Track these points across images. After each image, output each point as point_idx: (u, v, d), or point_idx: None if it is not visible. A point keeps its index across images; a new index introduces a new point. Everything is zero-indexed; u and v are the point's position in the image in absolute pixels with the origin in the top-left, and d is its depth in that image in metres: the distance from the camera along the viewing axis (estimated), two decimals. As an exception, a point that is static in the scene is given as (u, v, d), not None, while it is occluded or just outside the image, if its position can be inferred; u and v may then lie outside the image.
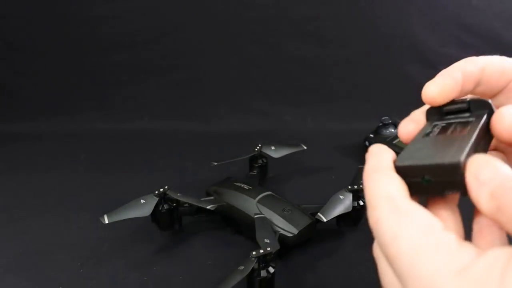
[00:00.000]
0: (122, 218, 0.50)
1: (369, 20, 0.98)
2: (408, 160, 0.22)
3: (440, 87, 0.26)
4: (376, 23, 0.98)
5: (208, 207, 0.55)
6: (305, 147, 0.70)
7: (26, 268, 0.53)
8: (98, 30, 0.98)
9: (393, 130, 0.76)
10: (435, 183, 0.21)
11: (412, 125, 0.27)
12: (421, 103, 0.28)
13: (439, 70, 0.29)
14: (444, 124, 0.26)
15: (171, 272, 0.51)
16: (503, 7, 0.95)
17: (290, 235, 0.51)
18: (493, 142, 0.26)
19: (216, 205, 0.56)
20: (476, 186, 0.19)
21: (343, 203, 0.52)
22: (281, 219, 0.52)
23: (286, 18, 0.97)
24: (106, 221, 0.50)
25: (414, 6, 0.96)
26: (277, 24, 0.98)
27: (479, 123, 0.23)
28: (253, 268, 0.43)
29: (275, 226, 0.52)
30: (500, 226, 0.20)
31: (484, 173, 0.19)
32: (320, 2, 0.97)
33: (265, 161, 0.68)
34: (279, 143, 0.69)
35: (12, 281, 0.51)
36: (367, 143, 0.78)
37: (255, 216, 0.52)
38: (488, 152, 0.26)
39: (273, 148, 0.68)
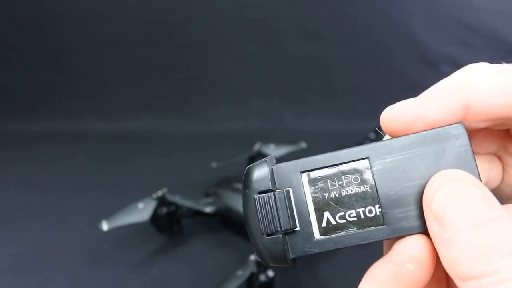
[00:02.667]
0: (121, 224, 0.50)
1: (369, 19, 0.97)
2: None
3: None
4: (377, 22, 0.97)
5: (207, 211, 0.55)
6: (305, 145, 0.70)
7: (25, 269, 0.52)
8: (97, 30, 0.98)
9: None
10: None
11: (410, 112, 0.15)
12: None
13: (440, 70, 0.27)
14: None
15: (170, 273, 0.51)
16: (506, 6, 0.94)
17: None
18: (491, 147, 0.18)
19: (215, 207, 0.56)
20: (439, 240, 0.13)
21: None
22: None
23: (286, 18, 0.97)
24: (105, 228, 0.49)
25: (415, 5, 0.96)
26: (277, 24, 0.98)
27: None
28: (252, 272, 0.42)
29: None
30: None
31: (452, 217, 0.12)
32: (321, 2, 0.96)
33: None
34: (279, 142, 0.69)
35: (11, 282, 0.50)
36: (367, 143, 0.78)
37: None
38: (482, 157, 0.18)
39: (272, 147, 0.67)
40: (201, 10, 0.97)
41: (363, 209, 0.15)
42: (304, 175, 0.16)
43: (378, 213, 0.15)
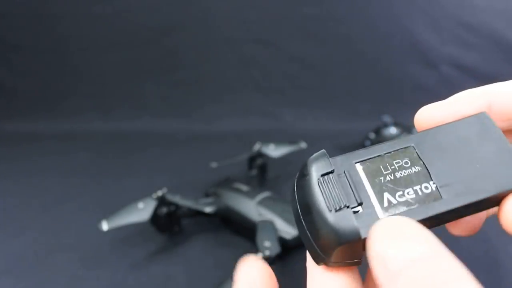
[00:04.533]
0: (121, 224, 0.50)
1: (369, 19, 0.97)
2: None
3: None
4: (377, 22, 0.97)
5: (207, 211, 0.55)
6: (305, 145, 0.70)
7: (25, 269, 0.52)
8: (97, 29, 0.98)
9: (393, 130, 0.76)
10: None
11: (438, 117, 0.18)
12: (421, 103, 0.26)
13: (440, 70, 0.27)
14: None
15: (170, 272, 0.51)
16: (506, 5, 0.94)
17: (290, 236, 0.50)
18: None
19: (215, 207, 0.56)
20: (384, 279, 0.12)
21: None
22: (281, 220, 0.52)
23: (286, 18, 0.97)
24: (105, 228, 0.49)
25: (415, 5, 0.96)
26: (277, 24, 0.98)
27: None
28: None
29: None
30: None
31: (393, 259, 0.12)
32: (321, 2, 0.96)
33: (264, 160, 0.68)
34: (278, 142, 0.69)
35: (11, 282, 0.50)
36: (367, 143, 0.77)
37: (259, 220, 0.52)
38: None
39: (272, 147, 0.68)
40: (201, 10, 0.97)
41: (419, 186, 0.16)
42: (358, 164, 0.17)
43: (434, 189, 0.16)
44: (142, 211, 0.51)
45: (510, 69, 0.94)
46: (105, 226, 0.50)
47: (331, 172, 0.16)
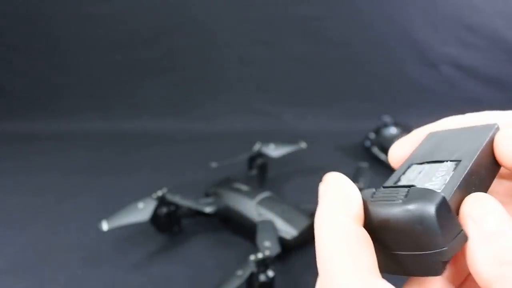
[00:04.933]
0: (121, 224, 0.50)
1: (369, 20, 0.97)
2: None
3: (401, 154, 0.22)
4: (377, 22, 0.97)
5: (207, 211, 0.55)
6: (305, 145, 0.70)
7: (25, 268, 0.52)
8: (97, 29, 0.98)
9: (393, 130, 0.76)
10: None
11: (406, 149, 0.22)
12: (421, 103, 0.26)
13: (440, 70, 0.27)
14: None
15: (170, 272, 0.51)
16: (505, 6, 0.94)
17: (290, 236, 0.50)
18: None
19: (215, 207, 0.56)
20: (476, 237, 0.15)
21: None
22: (281, 220, 0.52)
23: (286, 18, 0.97)
24: (105, 228, 0.49)
25: (415, 5, 0.96)
26: (277, 24, 0.98)
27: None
28: (252, 272, 0.42)
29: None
30: None
31: (490, 223, 0.15)
32: (321, 2, 0.96)
33: (264, 160, 0.68)
34: (278, 142, 0.69)
35: (11, 282, 0.50)
36: (367, 143, 0.78)
37: (259, 220, 0.52)
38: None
39: (272, 147, 0.68)
40: (201, 10, 0.97)
41: (441, 167, 0.19)
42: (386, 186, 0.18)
43: (452, 161, 0.19)
44: (142, 211, 0.51)
45: (511, 69, 0.94)
46: (105, 226, 0.50)
47: (376, 190, 0.17)
